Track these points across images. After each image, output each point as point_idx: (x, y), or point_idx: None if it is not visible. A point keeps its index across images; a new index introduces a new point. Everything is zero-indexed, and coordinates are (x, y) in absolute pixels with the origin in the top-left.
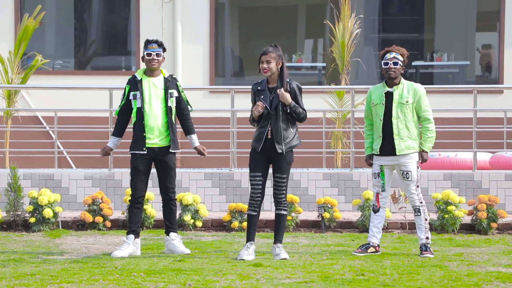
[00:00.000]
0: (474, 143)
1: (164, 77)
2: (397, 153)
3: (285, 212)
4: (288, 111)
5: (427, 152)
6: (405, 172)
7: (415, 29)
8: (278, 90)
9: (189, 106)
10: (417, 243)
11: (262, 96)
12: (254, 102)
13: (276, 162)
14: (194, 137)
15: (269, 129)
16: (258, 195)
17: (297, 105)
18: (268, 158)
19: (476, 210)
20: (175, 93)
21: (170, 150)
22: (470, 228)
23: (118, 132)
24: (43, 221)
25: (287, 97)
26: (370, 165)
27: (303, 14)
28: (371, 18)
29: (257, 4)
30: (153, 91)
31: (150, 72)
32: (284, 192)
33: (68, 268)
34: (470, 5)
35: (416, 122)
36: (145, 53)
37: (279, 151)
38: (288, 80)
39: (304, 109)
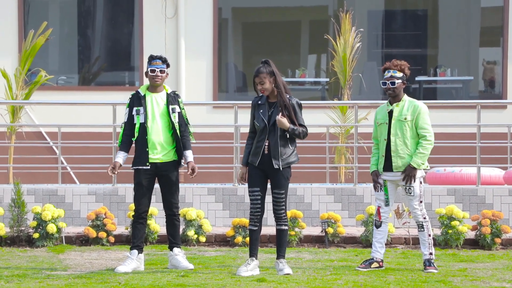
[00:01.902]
0: (478, 158)
1: (167, 93)
2: (394, 170)
3: (285, 227)
4: (288, 136)
5: (414, 168)
6: (407, 188)
7: (418, 44)
8: (277, 117)
9: (189, 125)
10: (421, 258)
11: (261, 110)
12: (253, 116)
13: (274, 178)
14: (188, 153)
15: (266, 144)
16: (258, 209)
17: (295, 128)
18: (266, 173)
19: (480, 225)
20: (177, 109)
21: (182, 163)
22: (474, 244)
23: (126, 148)
24: (47, 236)
25: (284, 122)
26: (376, 183)
27: (306, 30)
28: (374, 33)
29: (260, 20)
30: (156, 106)
31: (153, 88)
32: (284, 207)
33: (71, 284)
34: (474, 20)
35: (416, 140)
36: (149, 69)
37: (276, 166)
38: (288, 96)
39: (303, 125)
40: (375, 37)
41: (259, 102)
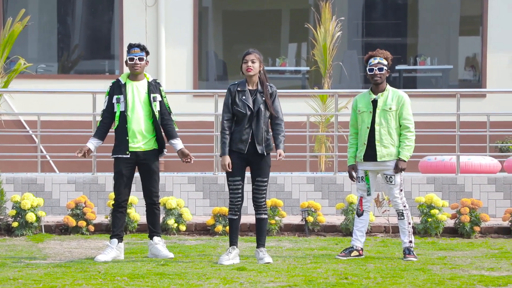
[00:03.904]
0: (457, 147)
1: (148, 81)
2: (378, 159)
3: (265, 216)
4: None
5: (404, 161)
6: (388, 176)
7: (398, 33)
8: (279, 158)
9: (171, 114)
10: (400, 246)
11: (243, 97)
12: (232, 102)
13: (257, 166)
14: (175, 141)
15: (251, 131)
16: (239, 199)
17: (283, 141)
18: (247, 162)
19: (459, 213)
20: (158, 98)
21: (165, 151)
22: (453, 232)
23: (101, 135)
24: (26, 225)
25: (283, 154)
26: (351, 177)
27: (286, 18)
28: (355, 22)
29: (241, 8)
30: (136, 95)
31: (134, 76)
32: (265, 195)
33: (51, 273)
34: (453, 10)
35: (399, 130)
36: (128, 57)
37: (260, 151)
38: (268, 84)
39: (280, 114)
40: (355, 26)
41: (239, 88)
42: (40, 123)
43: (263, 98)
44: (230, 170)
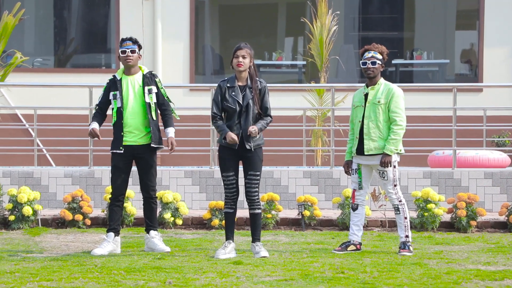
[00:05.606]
0: (454, 141)
1: (143, 74)
2: (365, 153)
3: (259, 211)
4: (255, 119)
5: (388, 155)
6: (381, 172)
7: (395, 28)
8: (249, 129)
9: (171, 103)
10: (397, 241)
11: (233, 93)
12: (222, 98)
13: (249, 160)
14: (170, 129)
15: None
16: (234, 193)
17: (262, 127)
18: (239, 157)
19: (456, 208)
20: (154, 89)
21: (152, 145)
22: (450, 226)
23: (97, 119)
24: (23, 219)
25: (255, 132)
26: (347, 172)
27: (283, 12)
28: (351, 16)
29: (237, 2)
30: (131, 89)
31: (128, 70)
32: (257, 190)
33: (47, 266)
34: (450, 4)
35: (389, 123)
36: (120, 51)
37: (248, 147)
38: (258, 79)
39: (268, 112)
40: (351, 20)
41: (228, 85)
42: (36, 116)
43: (252, 93)
44: (238, 142)
